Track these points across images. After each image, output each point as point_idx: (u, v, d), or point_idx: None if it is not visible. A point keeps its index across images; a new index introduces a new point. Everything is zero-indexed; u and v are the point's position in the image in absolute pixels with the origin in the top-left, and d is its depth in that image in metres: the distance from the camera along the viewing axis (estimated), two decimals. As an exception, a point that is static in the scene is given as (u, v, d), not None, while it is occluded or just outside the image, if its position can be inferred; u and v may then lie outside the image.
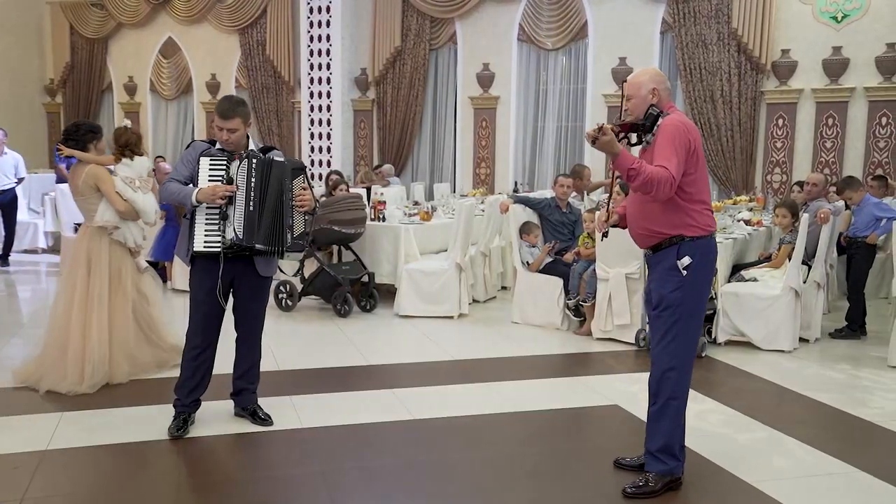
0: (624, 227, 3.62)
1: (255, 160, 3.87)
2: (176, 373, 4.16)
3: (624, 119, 3.39)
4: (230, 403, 4.26)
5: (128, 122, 5.50)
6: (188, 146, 4.09)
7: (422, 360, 5.48)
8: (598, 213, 3.52)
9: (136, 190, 4.86)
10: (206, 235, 3.84)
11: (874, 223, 6.36)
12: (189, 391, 4.04)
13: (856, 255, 6.42)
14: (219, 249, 3.84)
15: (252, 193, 3.85)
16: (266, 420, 4.17)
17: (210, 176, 3.85)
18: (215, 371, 4.15)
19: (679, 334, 3.34)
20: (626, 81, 3.44)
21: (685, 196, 3.28)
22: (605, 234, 3.60)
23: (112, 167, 4.97)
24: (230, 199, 3.82)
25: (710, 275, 3.44)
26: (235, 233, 3.82)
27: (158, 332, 5.13)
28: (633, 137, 3.37)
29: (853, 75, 9.31)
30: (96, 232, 4.82)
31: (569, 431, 4.26)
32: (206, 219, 3.84)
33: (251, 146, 4.00)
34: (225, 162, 3.88)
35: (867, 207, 6.43)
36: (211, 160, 3.88)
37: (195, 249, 3.85)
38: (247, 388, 4.22)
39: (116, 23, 14.61)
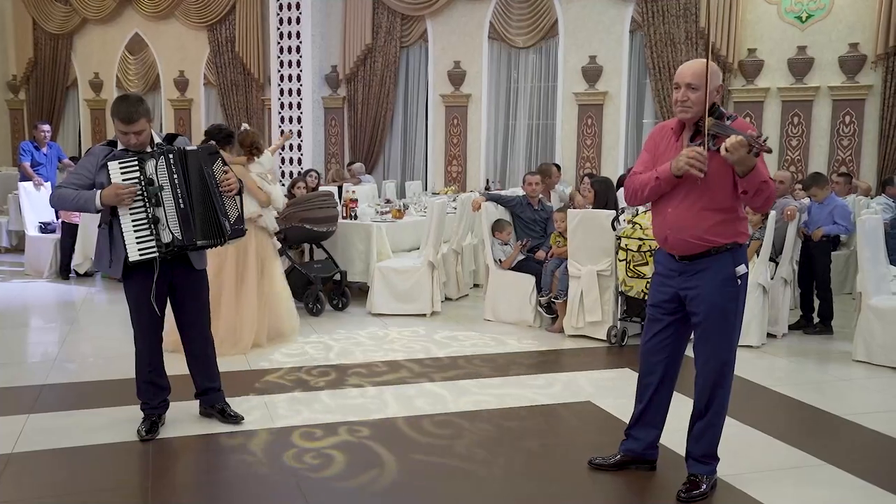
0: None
1: (171, 155, 3.69)
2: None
3: (680, 117, 3.17)
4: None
5: (245, 125, 6.29)
6: (87, 151, 3.91)
7: (394, 359, 5.47)
8: (687, 150, 3.06)
9: (269, 182, 5.65)
10: (138, 242, 3.64)
11: (830, 224, 6.46)
12: (154, 394, 3.99)
13: (815, 252, 6.50)
14: (156, 255, 3.67)
15: (179, 190, 3.68)
16: (236, 418, 4.12)
17: (125, 181, 3.62)
18: (184, 372, 4.10)
19: (734, 339, 3.32)
20: (687, 70, 3.15)
21: (740, 204, 3.22)
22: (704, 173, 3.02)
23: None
24: (157, 201, 3.64)
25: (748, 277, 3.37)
26: (173, 234, 3.67)
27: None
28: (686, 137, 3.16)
29: (817, 74, 9.47)
30: None
31: (542, 428, 4.27)
32: (134, 226, 3.64)
33: (155, 139, 3.82)
34: (135, 163, 3.64)
35: (830, 208, 6.52)
36: (120, 164, 3.62)
37: (131, 259, 3.64)
38: (211, 386, 4.16)
39: (81, 18, 14.35)
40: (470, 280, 7.92)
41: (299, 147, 12.29)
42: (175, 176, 3.69)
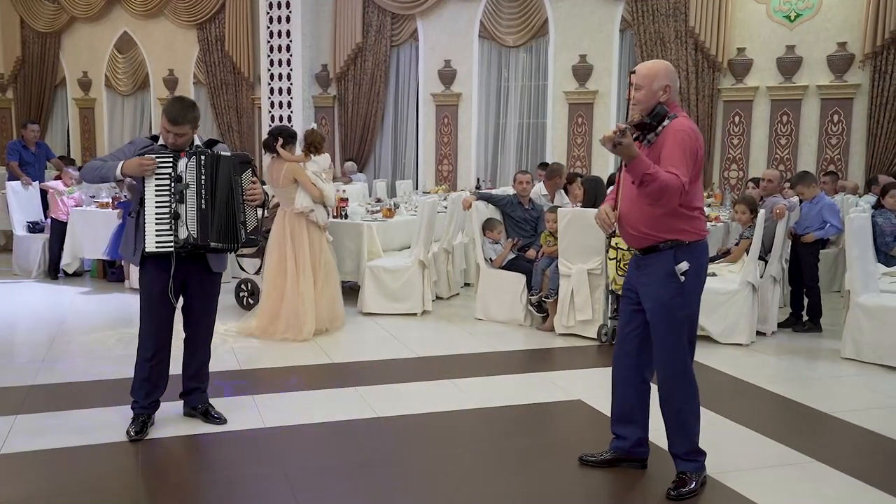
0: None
1: (203, 157, 3.80)
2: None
3: (632, 114, 3.28)
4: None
5: (315, 125, 6.62)
6: (130, 141, 4.04)
7: (385, 358, 5.47)
8: (604, 207, 3.43)
9: (323, 180, 5.99)
10: (157, 235, 3.74)
11: (820, 224, 6.47)
12: (147, 393, 3.97)
13: (801, 252, 6.51)
14: (171, 249, 3.75)
15: (203, 191, 3.78)
16: (219, 419, 4.11)
17: (156, 174, 3.75)
18: (172, 371, 4.09)
19: (682, 335, 3.34)
20: (634, 71, 3.29)
21: (683, 202, 3.21)
22: (612, 234, 3.47)
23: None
24: (181, 198, 3.74)
25: (704, 277, 3.38)
26: (189, 232, 3.75)
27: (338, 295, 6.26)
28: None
29: (806, 73, 9.53)
30: (294, 216, 5.88)
31: (532, 427, 4.28)
32: (157, 218, 3.74)
33: (196, 141, 3.92)
34: (171, 159, 3.78)
35: (820, 207, 6.53)
36: (157, 157, 3.77)
37: (147, 250, 3.75)
38: (198, 387, 4.16)
39: (69, 16, 14.27)
40: (461, 279, 7.92)
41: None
42: (203, 177, 3.79)
